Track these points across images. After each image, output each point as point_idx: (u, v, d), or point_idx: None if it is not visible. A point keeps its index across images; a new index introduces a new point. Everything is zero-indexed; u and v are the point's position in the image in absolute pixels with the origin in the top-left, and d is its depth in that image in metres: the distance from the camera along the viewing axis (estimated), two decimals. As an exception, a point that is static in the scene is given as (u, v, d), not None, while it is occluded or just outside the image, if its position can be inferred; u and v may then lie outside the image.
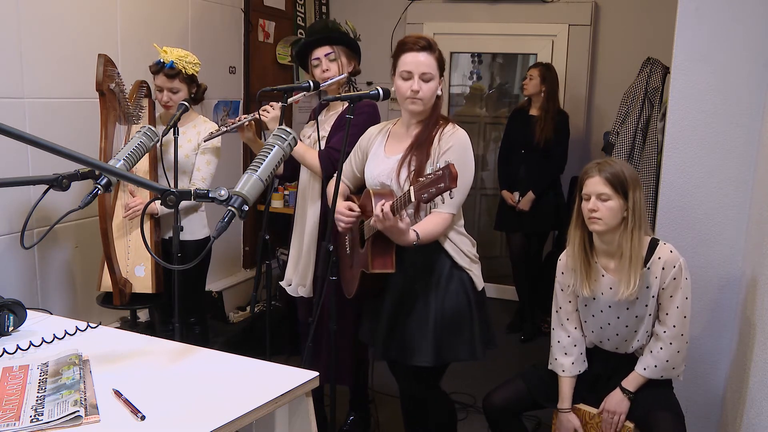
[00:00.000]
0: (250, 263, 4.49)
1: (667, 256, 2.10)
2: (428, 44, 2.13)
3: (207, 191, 1.34)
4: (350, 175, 2.41)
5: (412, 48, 2.13)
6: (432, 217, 2.12)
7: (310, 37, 2.63)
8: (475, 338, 2.19)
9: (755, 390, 1.91)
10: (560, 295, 2.29)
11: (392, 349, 2.23)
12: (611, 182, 2.06)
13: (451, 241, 2.19)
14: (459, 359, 2.21)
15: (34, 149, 1.90)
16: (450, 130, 2.16)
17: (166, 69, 2.69)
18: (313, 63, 2.62)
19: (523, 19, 4.70)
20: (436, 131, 2.17)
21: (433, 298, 2.16)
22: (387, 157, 2.24)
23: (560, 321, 2.29)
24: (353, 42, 2.68)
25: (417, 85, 2.11)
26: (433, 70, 2.12)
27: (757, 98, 2.32)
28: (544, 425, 2.99)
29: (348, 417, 2.94)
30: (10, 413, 1.28)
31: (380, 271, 2.11)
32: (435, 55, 2.13)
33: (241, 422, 1.29)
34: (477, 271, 2.25)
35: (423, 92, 2.12)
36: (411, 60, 2.12)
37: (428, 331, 2.14)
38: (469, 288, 2.20)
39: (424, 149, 2.14)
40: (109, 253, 2.67)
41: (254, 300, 2.74)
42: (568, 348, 2.26)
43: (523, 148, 4.09)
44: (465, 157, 2.14)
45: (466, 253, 2.22)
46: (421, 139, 2.16)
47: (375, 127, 2.39)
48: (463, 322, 2.18)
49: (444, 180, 1.77)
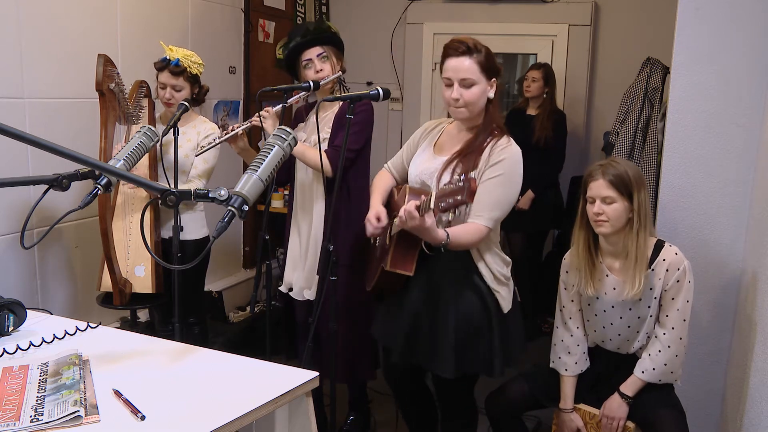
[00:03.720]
0: (250, 263, 4.49)
1: (671, 258, 2.10)
2: (467, 48, 2.04)
3: (207, 191, 1.34)
4: (399, 166, 2.36)
5: (451, 53, 2.07)
6: (468, 225, 2.05)
7: (301, 39, 2.59)
8: (494, 354, 2.12)
9: (755, 390, 1.91)
10: (564, 294, 2.29)
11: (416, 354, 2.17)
12: (615, 185, 2.06)
13: (485, 260, 2.12)
14: (476, 372, 2.16)
15: (34, 149, 1.90)
16: (504, 143, 2.08)
17: (171, 66, 2.70)
18: (304, 64, 2.59)
19: (523, 19, 4.70)
20: (488, 141, 2.09)
21: (453, 312, 2.10)
22: (434, 156, 2.19)
23: (563, 320, 2.29)
24: (340, 41, 2.67)
25: (456, 93, 2.05)
26: (473, 75, 2.04)
27: (757, 98, 2.32)
28: (544, 425, 2.99)
29: (348, 417, 2.94)
30: (10, 413, 1.28)
31: (397, 270, 2.06)
32: (477, 59, 2.04)
33: (241, 422, 1.29)
34: (505, 293, 2.16)
35: (465, 99, 2.05)
36: (451, 66, 2.06)
37: (447, 345, 2.09)
38: (492, 306, 2.13)
39: (472, 158, 2.07)
40: (109, 253, 2.67)
41: (254, 300, 2.75)
42: (571, 347, 2.25)
43: (522, 148, 4.08)
44: (513, 173, 2.07)
45: (496, 274, 2.14)
46: (473, 147, 2.08)
47: (432, 122, 2.33)
48: (482, 336, 2.11)
49: (462, 192, 1.73)
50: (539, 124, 4.00)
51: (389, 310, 2.27)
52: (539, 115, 4.05)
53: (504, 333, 2.15)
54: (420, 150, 2.26)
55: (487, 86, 2.09)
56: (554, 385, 2.28)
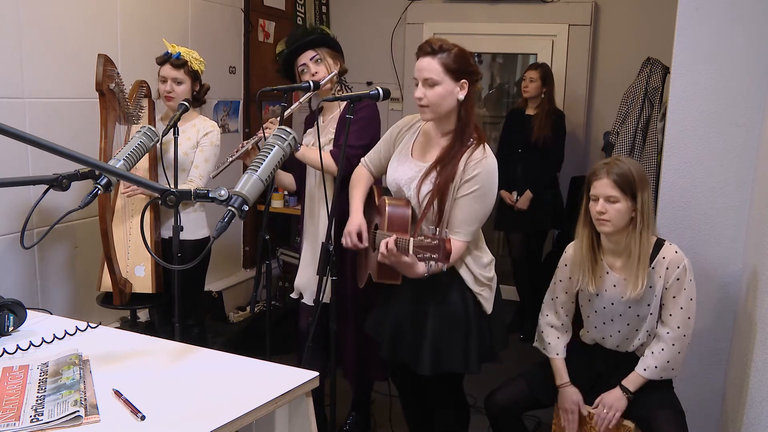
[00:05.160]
0: (250, 263, 4.49)
1: (671, 256, 2.10)
2: (432, 49, 2.04)
3: (207, 191, 1.34)
4: (376, 161, 2.37)
5: (419, 54, 2.09)
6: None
7: (290, 47, 2.62)
8: (470, 351, 2.16)
9: (755, 390, 1.91)
10: (559, 286, 2.30)
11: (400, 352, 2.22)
12: (619, 184, 2.06)
13: (466, 266, 2.15)
14: (453, 370, 2.18)
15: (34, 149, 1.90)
16: (478, 156, 2.07)
17: (173, 59, 2.72)
18: (300, 70, 2.61)
19: (523, 19, 4.70)
20: (464, 152, 2.08)
21: (432, 310, 2.15)
22: (413, 160, 2.19)
23: (555, 308, 2.31)
24: (334, 42, 2.66)
25: (420, 92, 2.06)
26: (436, 75, 2.03)
27: (757, 98, 2.32)
28: (544, 425, 2.99)
29: (348, 417, 2.94)
30: (10, 413, 1.28)
31: (385, 281, 2.12)
32: (441, 60, 2.03)
33: (241, 422, 1.29)
34: (487, 293, 2.19)
35: (428, 99, 2.05)
36: (417, 66, 2.08)
37: (425, 342, 2.14)
38: (472, 304, 2.16)
39: (449, 169, 2.07)
40: (109, 253, 2.67)
41: (254, 300, 2.75)
42: (560, 332, 2.30)
43: (521, 148, 4.10)
44: (488, 187, 2.08)
45: (477, 276, 2.16)
46: (449, 156, 2.08)
47: (410, 118, 2.32)
48: (458, 334, 2.15)
49: (438, 251, 1.79)
50: (538, 123, 4.01)
51: (380, 305, 2.32)
52: (537, 115, 4.05)
53: (482, 332, 2.19)
54: (398, 150, 2.27)
55: (454, 87, 2.06)
56: (554, 385, 2.29)
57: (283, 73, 2.70)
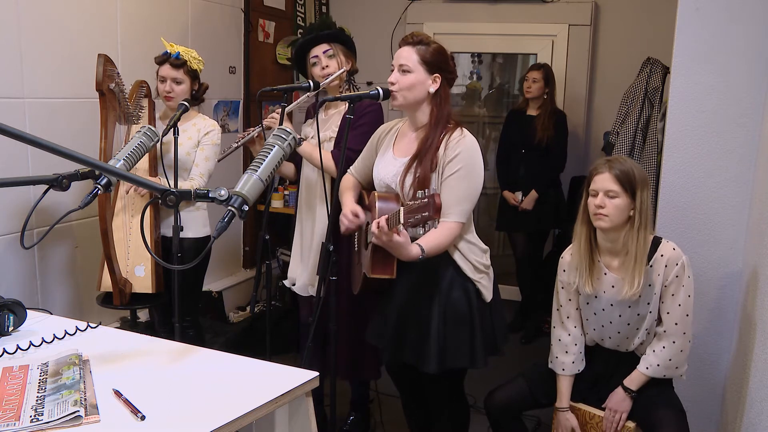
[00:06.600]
0: (250, 263, 4.49)
1: (669, 254, 2.10)
2: (413, 40, 2.13)
3: (207, 191, 1.34)
4: (362, 171, 2.39)
5: (401, 43, 2.17)
6: (438, 228, 2.07)
7: (306, 37, 2.65)
8: (476, 346, 2.15)
9: (755, 390, 1.91)
10: (561, 293, 2.29)
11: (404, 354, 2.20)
12: (620, 180, 2.06)
13: (460, 251, 2.15)
14: (460, 366, 2.18)
15: (34, 149, 1.90)
16: (457, 136, 2.11)
17: (172, 59, 2.72)
18: (312, 61, 2.63)
19: (523, 19, 4.70)
20: (443, 136, 2.12)
21: (436, 307, 2.13)
22: (395, 158, 2.22)
23: (561, 319, 2.29)
24: (350, 40, 2.68)
25: (394, 77, 2.12)
26: (410, 63, 2.10)
27: (757, 98, 2.32)
28: (544, 425, 2.99)
29: (348, 417, 2.94)
30: (10, 413, 1.27)
31: (380, 276, 2.10)
32: (419, 51, 2.10)
33: (241, 422, 1.29)
34: (486, 282, 2.19)
35: (399, 84, 2.12)
36: (396, 54, 2.16)
37: (431, 340, 2.12)
38: (474, 298, 2.16)
39: (429, 156, 2.10)
40: (109, 253, 2.67)
41: (254, 300, 2.75)
42: (568, 346, 2.26)
43: (523, 148, 4.10)
44: (472, 164, 2.10)
45: (474, 263, 2.16)
46: (427, 145, 2.12)
47: (387, 125, 2.37)
48: (463, 330, 2.14)
49: (428, 209, 1.77)
50: (541, 124, 4.02)
51: (378, 312, 2.31)
52: (540, 116, 4.05)
53: (487, 323, 2.19)
54: (380, 154, 2.30)
55: (426, 79, 2.12)
56: (553, 385, 2.28)
57: (295, 63, 2.74)
